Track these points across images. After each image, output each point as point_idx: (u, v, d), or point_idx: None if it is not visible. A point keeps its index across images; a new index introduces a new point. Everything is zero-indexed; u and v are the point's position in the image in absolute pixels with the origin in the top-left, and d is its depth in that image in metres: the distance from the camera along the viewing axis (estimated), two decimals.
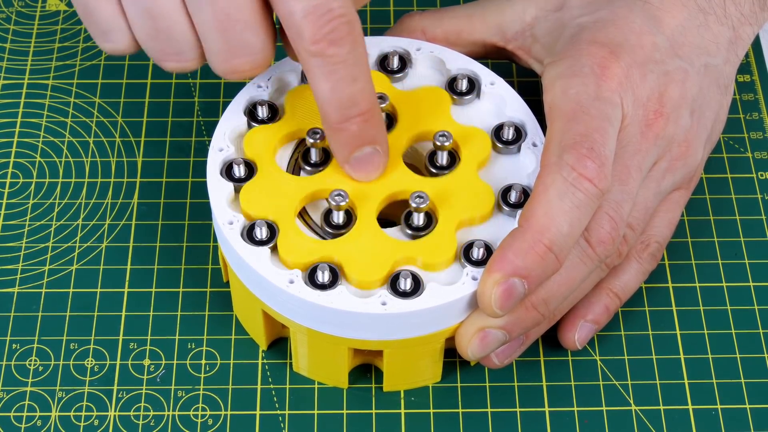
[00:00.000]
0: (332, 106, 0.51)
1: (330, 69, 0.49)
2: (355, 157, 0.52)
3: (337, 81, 0.50)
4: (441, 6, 0.70)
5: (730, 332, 0.58)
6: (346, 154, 0.52)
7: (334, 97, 0.50)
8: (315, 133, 0.54)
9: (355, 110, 0.51)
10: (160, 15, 0.50)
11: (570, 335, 0.56)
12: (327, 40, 0.49)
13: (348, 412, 0.56)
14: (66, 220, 0.61)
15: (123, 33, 0.52)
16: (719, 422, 0.55)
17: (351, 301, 0.51)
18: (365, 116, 0.51)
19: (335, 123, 0.51)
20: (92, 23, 0.52)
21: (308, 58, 0.49)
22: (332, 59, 0.49)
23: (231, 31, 0.50)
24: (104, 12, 0.51)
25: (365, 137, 0.52)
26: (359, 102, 0.51)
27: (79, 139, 0.64)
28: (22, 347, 0.57)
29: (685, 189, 0.58)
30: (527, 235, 0.50)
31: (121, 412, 0.55)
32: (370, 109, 0.51)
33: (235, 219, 0.53)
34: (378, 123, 0.52)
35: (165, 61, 0.52)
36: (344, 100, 0.50)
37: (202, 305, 0.59)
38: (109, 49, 0.53)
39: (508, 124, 0.56)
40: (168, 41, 0.51)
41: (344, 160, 0.53)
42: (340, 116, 0.51)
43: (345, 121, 0.51)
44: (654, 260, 0.58)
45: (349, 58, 0.49)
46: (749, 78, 0.68)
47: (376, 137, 0.52)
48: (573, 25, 0.56)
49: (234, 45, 0.50)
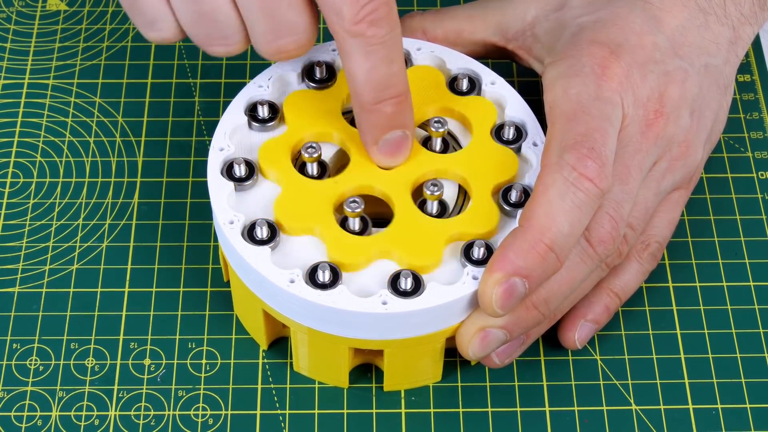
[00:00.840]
0: (368, 87, 0.51)
1: (369, 49, 0.50)
2: (385, 140, 0.52)
3: (375, 62, 0.50)
4: (441, 6, 0.70)
5: (731, 332, 0.58)
6: (377, 136, 0.52)
7: (371, 78, 0.50)
8: (311, 147, 0.54)
9: (390, 92, 0.51)
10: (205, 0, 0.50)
11: (570, 335, 0.56)
12: (367, 21, 0.49)
13: (348, 411, 0.56)
14: (66, 220, 0.61)
15: (169, 20, 0.52)
16: (719, 422, 0.56)
17: (351, 300, 0.51)
18: (399, 98, 0.51)
19: (369, 103, 0.51)
20: (138, 13, 0.52)
21: (347, 38, 0.50)
22: (371, 40, 0.49)
23: (275, 12, 0.50)
24: (149, 1, 0.51)
25: (397, 120, 0.52)
26: (395, 84, 0.51)
27: (79, 138, 0.64)
28: (22, 347, 0.57)
29: (685, 189, 0.58)
30: (528, 234, 0.50)
31: (121, 411, 0.55)
32: (404, 92, 0.52)
33: (235, 218, 0.53)
34: (409, 107, 0.52)
35: (211, 46, 0.52)
36: (381, 81, 0.51)
37: (203, 305, 0.59)
38: (155, 38, 0.53)
39: (509, 124, 0.56)
40: (213, 25, 0.51)
41: (374, 141, 0.53)
42: (375, 97, 0.51)
43: (379, 103, 0.51)
44: (654, 260, 0.58)
45: (388, 39, 0.50)
46: (749, 78, 0.68)
47: (406, 121, 0.52)
48: (573, 25, 0.56)
49: (279, 26, 0.51)
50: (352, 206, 0.52)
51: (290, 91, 0.57)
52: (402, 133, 0.53)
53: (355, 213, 0.52)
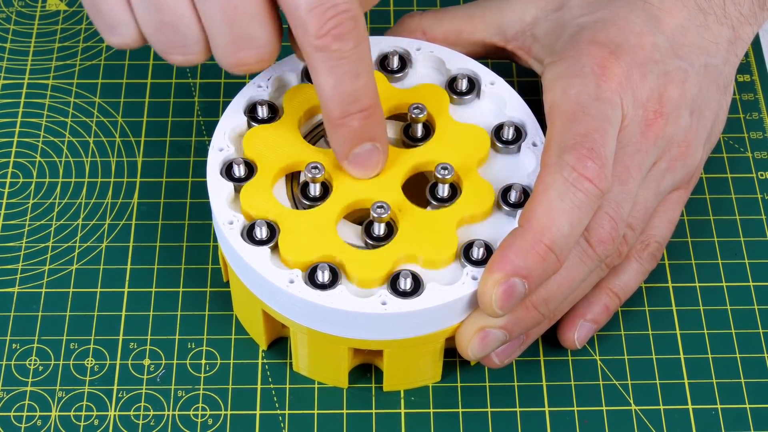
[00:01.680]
0: (334, 102, 0.51)
1: (333, 64, 0.49)
2: (354, 154, 0.52)
3: (340, 76, 0.50)
4: (441, 6, 0.70)
5: (730, 332, 0.58)
6: (345, 150, 0.52)
7: (337, 93, 0.50)
8: (315, 168, 0.53)
9: (356, 106, 0.51)
10: (166, 7, 0.50)
11: (570, 335, 0.56)
12: (331, 35, 0.49)
13: (348, 412, 0.56)
14: (66, 220, 0.61)
15: (130, 26, 0.52)
16: (719, 422, 0.55)
17: (351, 300, 0.51)
18: (367, 113, 0.51)
19: (337, 118, 0.51)
20: (99, 17, 0.52)
21: (312, 53, 0.49)
22: (336, 54, 0.49)
23: (237, 24, 0.50)
24: (111, 5, 0.51)
25: (366, 134, 0.52)
26: (361, 98, 0.51)
27: (79, 139, 0.64)
28: (22, 347, 0.57)
29: (685, 189, 0.58)
30: (528, 235, 0.50)
31: (121, 411, 0.55)
32: (372, 105, 0.51)
33: (235, 219, 0.53)
34: (379, 120, 0.52)
35: (171, 54, 0.52)
36: (347, 95, 0.50)
37: (202, 305, 0.59)
38: (116, 43, 0.53)
39: (508, 124, 0.56)
40: (174, 34, 0.51)
41: (344, 156, 0.53)
42: (342, 112, 0.51)
43: (346, 117, 0.51)
44: (654, 260, 0.58)
45: (354, 53, 0.49)
46: (749, 78, 0.68)
47: (376, 134, 0.52)
48: (573, 25, 0.56)
49: (240, 38, 0.50)
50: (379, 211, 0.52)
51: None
52: (371, 145, 0.52)
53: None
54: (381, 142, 0.53)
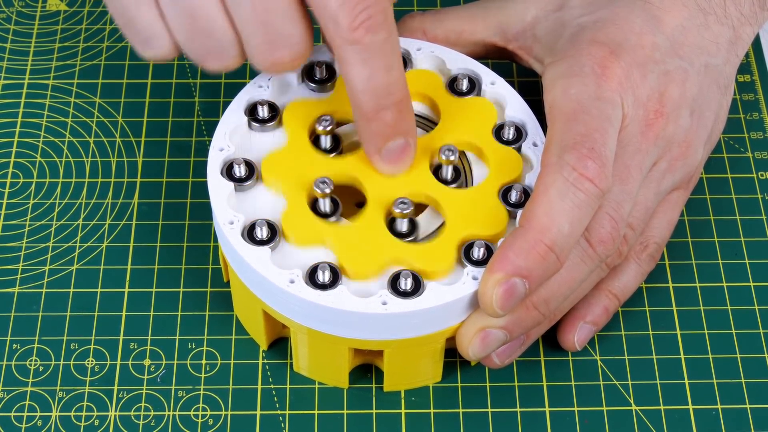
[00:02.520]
0: (368, 95, 0.50)
1: (366, 57, 0.49)
2: (387, 148, 0.52)
3: (373, 69, 0.50)
4: (442, 6, 0.70)
5: (730, 332, 0.58)
6: (378, 145, 0.52)
7: (371, 86, 0.50)
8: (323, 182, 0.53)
9: (390, 99, 0.51)
10: (200, 15, 0.50)
11: (569, 336, 0.56)
12: (364, 28, 0.49)
13: (348, 412, 0.56)
14: (66, 220, 0.61)
15: (164, 38, 0.51)
16: (719, 422, 0.56)
17: (351, 300, 0.51)
18: (399, 106, 0.51)
19: (370, 112, 0.51)
20: (133, 31, 0.52)
21: (344, 46, 0.49)
22: (369, 47, 0.49)
23: (270, 24, 0.50)
24: (145, 18, 0.51)
25: (399, 128, 0.52)
26: (394, 91, 0.51)
27: (79, 139, 0.64)
28: (22, 347, 0.57)
29: (684, 189, 0.58)
30: (528, 235, 0.50)
31: (121, 412, 0.55)
32: (404, 99, 0.51)
33: (235, 219, 0.53)
34: (411, 114, 0.52)
35: (207, 61, 0.52)
36: (380, 88, 0.50)
37: (203, 305, 0.59)
38: (151, 56, 0.52)
39: (509, 124, 0.56)
40: (209, 41, 0.51)
41: (376, 150, 0.52)
42: (376, 105, 0.51)
43: (380, 111, 0.51)
44: (653, 261, 0.58)
45: (386, 46, 0.49)
46: (749, 78, 0.68)
47: (408, 128, 0.52)
48: (573, 25, 0.56)
49: (274, 38, 0.50)
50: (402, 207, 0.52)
51: (290, 91, 0.57)
52: (404, 140, 0.52)
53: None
54: (412, 137, 0.53)
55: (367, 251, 0.52)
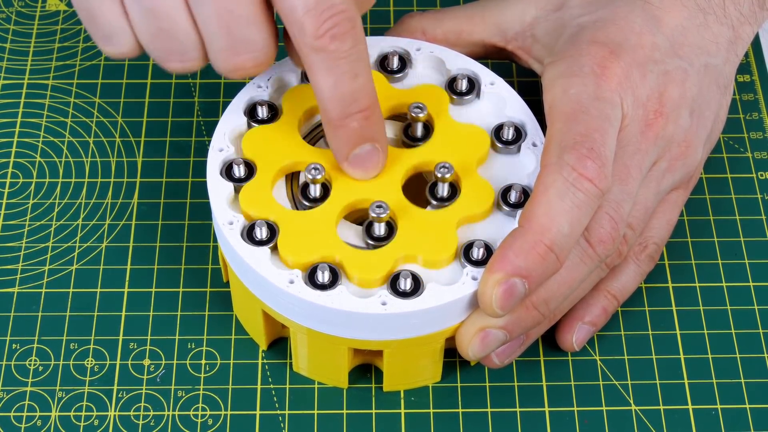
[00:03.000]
0: (333, 102, 0.51)
1: (332, 64, 0.49)
2: (354, 155, 0.52)
3: (339, 76, 0.50)
4: (441, 6, 0.70)
5: (730, 332, 0.58)
6: (345, 152, 0.52)
7: (336, 93, 0.50)
8: (315, 169, 0.53)
9: (356, 107, 0.51)
10: (163, 15, 0.50)
11: (568, 337, 0.56)
12: (329, 36, 0.49)
13: (348, 412, 0.56)
14: (66, 220, 0.61)
15: (126, 35, 0.51)
16: (719, 422, 0.56)
17: (351, 301, 0.51)
18: (366, 113, 0.51)
19: (336, 119, 0.51)
20: (95, 27, 0.52)
21: (310, 54, 0.49)
22: (334, 54, 0.49)
23: (233, 28, 0.50)
24: (107, 15, 0.51)
25: (365, 134, 0.52)
26: (360, 98, 0.51)
27: (79, 139, 0.64)
28: (22, 347, 0.57)
29: (684, 189, 0.58)
30: (528, 235, 0.50)
31: (121, 412, 0.55)
32: (371, 105, 0.51)
33: (235, 219, 0.53)
34: (378, 120, 0.52)
35: (168, 61, 0.52)
36: (346, 96, 0.50)
37: (202, 305, 0.59)
38: (112, 52, 0.53)
39: (508, 124, 0.56)
40: (171, 41, 0.51)
41: (343, 157, 0.53)
42: (341, 112, 0.51)
43: (346, 118, 0.51)
44: (652, 262, 0.58)
45: (352, 53, 0.49)
46: (749, 78, 0.68)
47: (375, 135, 0.52)
48: (573, 25, 0.56)
49: (236, 42, 0.50)
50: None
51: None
52: (371, 146, 0.52)
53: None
54: (380, 142, 0.53)
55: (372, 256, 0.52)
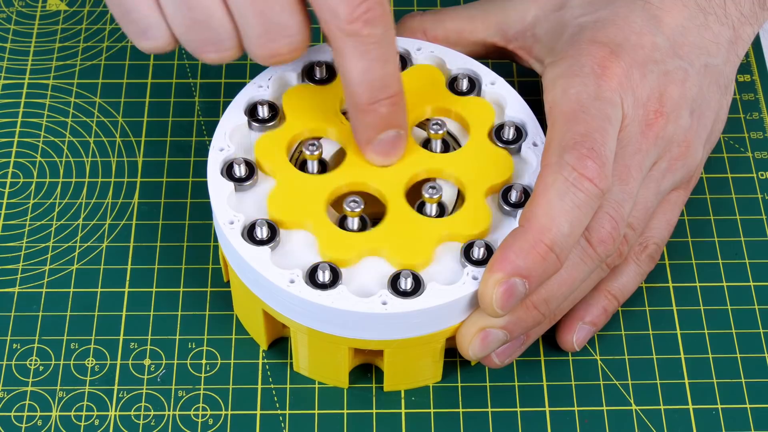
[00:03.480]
0: (363, 87, 0.51)
1: (364, 49, 0.50)
2: (379, 140, 0.53)
3: (370, 61, 0.50)
4: (442, 6, 0.70)
5: (731, 332, 0.58)
6: (371, 136, 0.53)
7: (367, 78, 0.51)
8: (312, 144, 0.53)
9: (385, 92, 0.51)
10: (197, 6, 0.50)
11: (568, 337, 0.56)
12: (362, 20, 0.49)
13: (348, 412, 0.56)
14: (66, 220, 0.61)
15: (161, 29, 0.52)
16: (719, 422, 0.56)
17: (351, 300, 0.51)
18: (394, 99, 0.52)
19: (365, 104, 0.51)
20: (130, 22, 0.52)
21: (342, 38, 0.50)
22: (367, 39, 0.50)
23: (268, 15, 0.50)
24: (142, 9, 0.51)
25: (392, 120, 0.52)
26: (390, 84, 0.51)
27: (79, 139, 0.64)
28: (22, 347, 0.57)
29: (684, 189, 0.58)
30: (528, 235, 0.50)
31: (121, 411, 0.55)
32: (399, 92, 0.52)
33: (235, 219, 0.53)
34: (404, 107, 0.52)
35: (204, 52, 0.52)
36: (376, 81, 0.51)
37: (203, 305, 0.59)
38: (148, 47, 0.53)
39: (509, 124, 0.56)
40: (206, 31, 0.51)
41: (368, 141, 0.53)
42: (370, 97, 0.51)
43: (374, 103, 0.51)
44: (652, 262, 0.58)
45: (383, 39, 0.50)
46: (749, 78, 0.68)
47: (401, 121, 0.53)
48: (573, 25, 0.56)
49: (272, 28, 0.50)
50: (352, 205, 0.52)
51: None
52: (396, 132, 0.53)
53: (354, 213, 0.52)
54: (404, 128, 0.53)
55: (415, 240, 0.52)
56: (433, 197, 0.53)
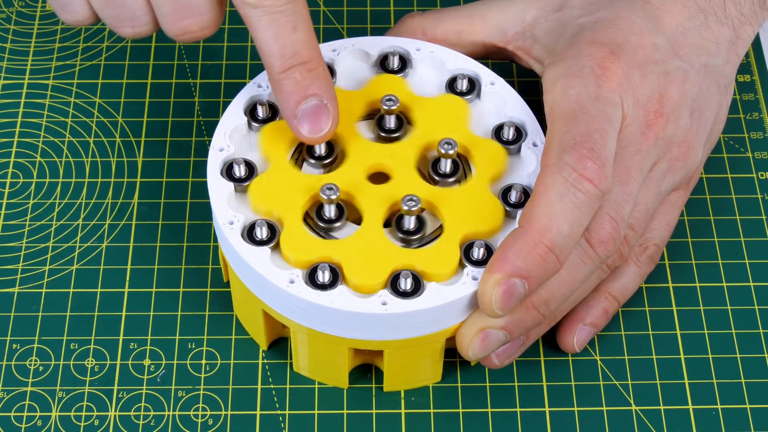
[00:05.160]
0: (274, 56, 0.52)
1: (270, 18, 0.51)
2: (301, 110, 0.53)
3: (277, 29, 0.51)
4: (441, 6, 0.70)
5: (730, 332, 0.58)
6: (292, 106, 0.53)
7: (276, 47, 0.52)
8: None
9: (297, 59, 0.52)
10: None
11: (569, 338, 0.56)
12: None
13: (348, 412, 0.56)
14: (66, 220, 0.61)
15: (80, 3, 0.54)
16: (719, 422, 0.56)
17: (351, 301, 0.51)
18: (308, 65, 0.52)
19: (278, 72, 0.52)
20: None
21: (248, 11, 0.51)
22: (270, 9, 0.51)
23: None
24: None
25: (309, 87, 0.52)
26: (301, 51, 0.52)
27: (79, 139, 0.64)
28: (22, 347, 0.57)
29: (684, 190, 0.58)
30: (528, 235, 0.50)
31: (121, 412, 0.55)
32: (313, 59, 0.52)
33: (235, 219, 0.53)
34: (322, 74, 0.53)
35: (121, 27, 0.54)
36: (286, 48, 0.52)
37: (203, 305, 0.59)
38: (70, 20, 0.55)
39: (509, 124, 0.56)
40: (121, 8, 0.53)
41: (291, 114, 0.53)
42: (282, 64, 0.52)
43: (287, 70, 0.52)
44: (652, 263, 0.58)
45: (288, 7, 0.51)
46: (749, 78, 0.68)
47: (321, 89, 0.53)
48: (573, 26, 0.56)
49: (182, 7, 0.53)
50: (327, 193, 0.52)
51: None
52: (318, 101, 0.53)
53: (330, 200, 0.52)
54: (328, 99, 0.53)
55: (372, 261, 0.52)
56: (411, 209, 0.52)
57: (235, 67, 0.67)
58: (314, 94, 0.52)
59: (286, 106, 0.53)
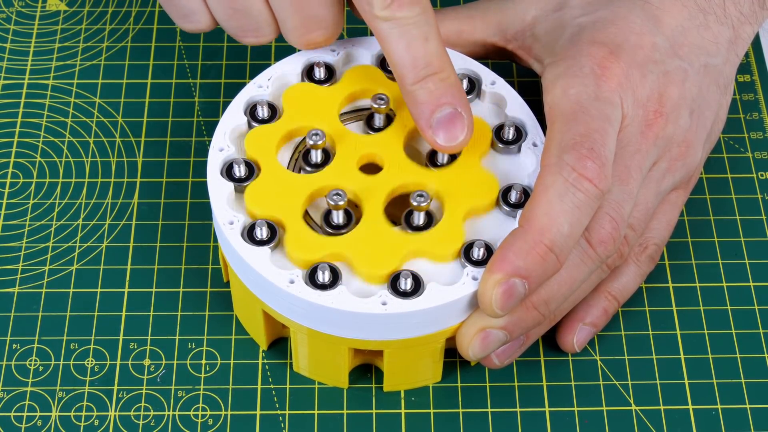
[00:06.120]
0: (407, 68, 0.52)
1: (402, 30, 0.52)
2: (436, 119, 0.53)
3: (409, 41, 0.52)
4: (441, 6, 0.70)
5: (730, 332, 0.58)
6: (426, 115, 0.53)
7: (408, 58, 0.52)
8: (315, 134, 0.54)
9: (429, 69, 0.52)
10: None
11: (569, 338, 0.56)
12: (396, 4, 0.51)
13: (348, 412, 0.56)
14: (66, 220, 0.61)
15: (203, 14, 0.55)
16: (719, 422, 0.56)
17: (351, 301, 0.51)
18: (440, 75, 0.52)
19: (411, 83, 0.52)
20: (173, 6, 0.56)
21: (380, 24, 0.52)
22: (402, 21, 0.51)
23: (305, 8, 0.53)
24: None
25: (443, 97, 0.52)
26: (433, 61, 0.52)
27: (79, 139, 0.64)
28: (22, 347, 0.57)
29: (683, 189, 0.58)
30: (528, 235, 0.50)
31: (121, 412, 0.55)
32: (445, 68, 0.53)
33: (235, 219, 0.53)
34: (455, 83, 0.53)
35: (243, 37, 0.56)
36: (418, 59, 0.52)
37: (202, 305, 0.59)
38: (190, 29, 0.57)
39: (509, 124, 0.56)
40: (246, 19, 0.55)
41: (426, 123, 0.53)
42: (416, 76, 0.52)
43: (420, 81, 0.52)
44: (652, 262, 0.58)
45: (420, 19, 0.52)
46: (749, 78, 0.68)
47: (455, 97, 0.53)
48: (573, 25, 0.56)
49: (308, 21, 0.54)
50: (335, 198, 0.52)
51: None
52: (452, 109, 0.53)
53: (338, 206, 0.52)
54: (461, 106, 0.53)
55: (380, 251, 0.52)
56: (421, 205, 0.52)
57: (235, 67, 0.67)
58: (448, 102, 0.53)
59: (421, 116, 0.53)
